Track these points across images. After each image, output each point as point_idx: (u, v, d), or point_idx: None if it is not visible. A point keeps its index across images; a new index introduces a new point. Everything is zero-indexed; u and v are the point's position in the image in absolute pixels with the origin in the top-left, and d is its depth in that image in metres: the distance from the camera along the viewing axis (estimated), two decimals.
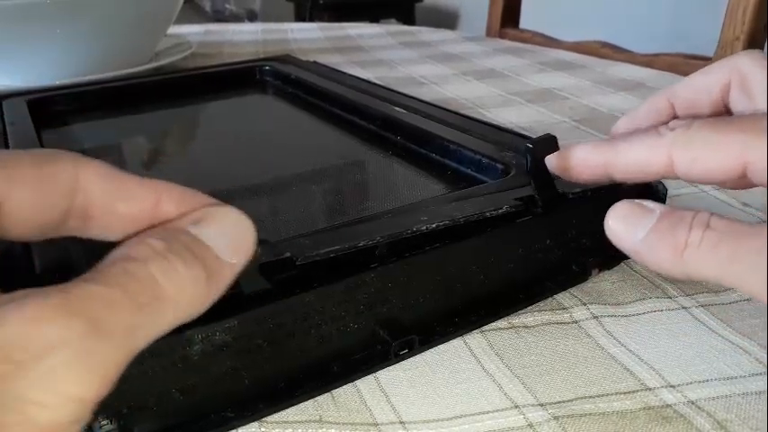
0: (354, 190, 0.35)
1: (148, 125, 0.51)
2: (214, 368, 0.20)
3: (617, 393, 0.22)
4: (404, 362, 0.24)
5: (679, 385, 0.22)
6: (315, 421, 0.21)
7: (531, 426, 0.21)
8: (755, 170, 0.18)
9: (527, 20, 1.02)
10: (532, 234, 0.27)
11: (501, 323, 0.26)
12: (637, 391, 0.22)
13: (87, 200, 0.16)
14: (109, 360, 0.13)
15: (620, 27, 1.48)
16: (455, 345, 0.25)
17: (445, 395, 0.22)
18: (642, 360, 0.24)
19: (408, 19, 2.51)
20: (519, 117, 0.52)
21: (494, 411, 0.22)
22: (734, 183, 0.22)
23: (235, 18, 2.88)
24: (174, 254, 0.15)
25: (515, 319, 0.26)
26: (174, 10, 0.69)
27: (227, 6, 3.00)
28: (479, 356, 0.24)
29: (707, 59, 0.72)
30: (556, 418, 0.21)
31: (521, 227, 0.26)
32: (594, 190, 0.27)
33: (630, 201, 0.19)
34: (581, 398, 0.22)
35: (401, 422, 0.21)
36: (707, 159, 0.19)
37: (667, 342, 0.25)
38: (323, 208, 0.33)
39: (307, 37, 0.92)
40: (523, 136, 0.35)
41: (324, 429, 0.21)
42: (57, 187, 0.16)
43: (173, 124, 0.51)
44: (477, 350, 0.25)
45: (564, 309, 0.27)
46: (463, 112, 0.40)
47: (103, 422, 0.18)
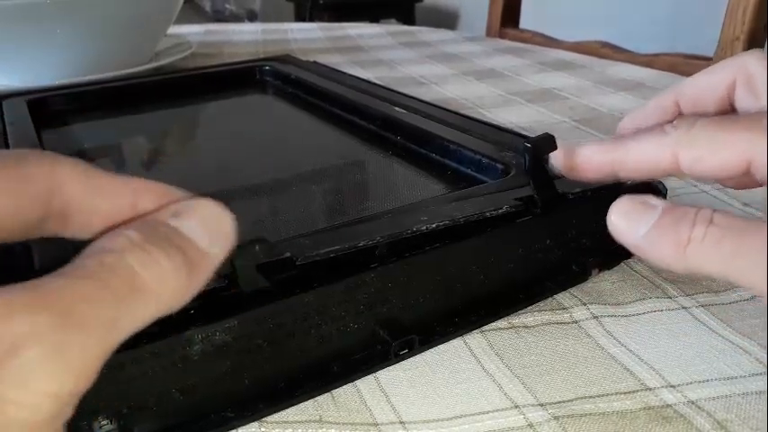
0: (354, 190, 0.35)
1: (148, 125, 0.51)
2: (214, 368, 0.20)
3: (617, 393, 0.22)
4: (404, 362, 0.24)
5: (679, 385, 0.22)
6: (315, 421, 0.21)
7: (531, 426, 0.21)
8: (759, 168, 0.18)
9: (527, 20, 1.02)
10: (532, 234, 0.27)
11: (501, 323, 0.26)
12: (637, 391, 0.22)
13: (65, 199, 0.16)
14: (85, 354, 0.13)
15: (620, 27, 1.48)
16: (455, 345, 0.25)
17: (445, 395, 0.22)
18: (642, 360, 0.24)
19: (408, 19, 2.51)
20: (519, 117, 0.52)
21: (494, 411, 0.22)
22: (737, 181, 0.22)
23: (235, 18, 2.88)
24: (153, 244, 0.15)
25: (515, 319, 0.26)
26: (174, 10, 0.69)
27: (227, 6, 2.99)
28: (479, 356, 0.24)
29: (707, 59, 0.72)
30: (556, 418, 0.21)
31: (521, 227, 0.26)
32: (594, 190, 0.27)
33: (633, 196, 0.19)
34: (581, 398, 0.22)
35: (401, 422, 0.21)
36: (711, 157, 0.19)
37: (667, 342, 0.25)
38: (323, 208, 0.33)
39: (307, 37, 0.92)
40: (523, 136, 0.35)
41: (324, 429, 0.21)
42: (34, 187, 0.16)
43: (173, 124, 0.51)
44: (477, 350, 0.25)
45: (564, 309, 0.27)
46: (463, 112, 0.40)
47: (103, 422, 0.18)
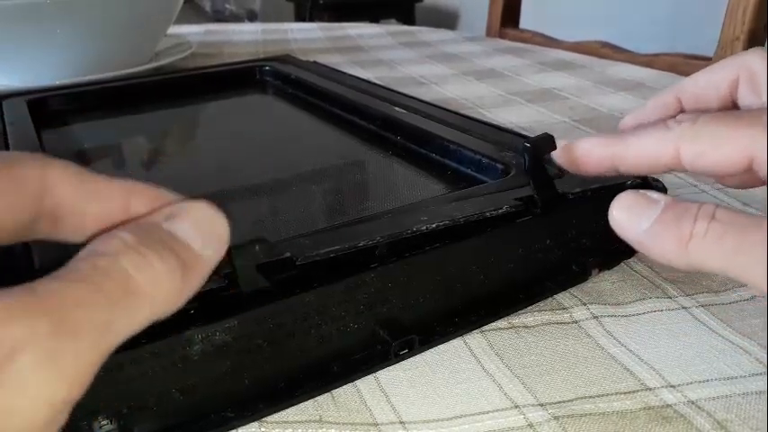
0: (354, 190, 0.35)
1: (148, 125, 0.50)
2: (214, 368, 0.20)
3: (617, 393, 0.22)
4: (404, 362, 0.24)
5: (679, 385, 0.22)
6: (315, 421, 0.21)
7: (531, 426, 0.21)
8: (760, 164, 0.18)
9: (527, 20, 1.02)
10: (532, 234, 0.27)
11: (501, 323, 0.26)
12: (637, 391, 0.22)
13: (56, 201, 0.16)
14: (80, 360, 0.13)
15: (620, 27, 1.48)
16: (455, 345, 0.25)
17: (445, 395, 0.22)
18: (642, 360, 0.24)
19: (408, 19, 2.51)
20: (519, 117, 0.52)
21: (494, 411, 0.22)
22: (738, 179, 0.22)
23: (235, 18, 2.87)
24: (148, 247, 0.15)
25: (515, 319, 0.26)
26: (174, 10, 0.69)
27: (227, 6, 2.99)
28: (479, 356, 0.24)
29: (707, 59, 0.72)
30: (556, 418, 0.21)
31: (520, 227, 0.26)
32: (594, 190, 0.27)
33: (635, 191, 0.19)
34: (581, 398, 0.22)
35: (401, 422, 0.21)
36: (714, 152, 0.19)
37: (667, 342, 0.25)
38: (323, 208, 0.33)
39: (307, 37, 0.92)
40: (523, 136, 0.35)
41: (324, 429, 0.21)
42: (25, 190, 0.15)
43: (173, 124, 0.51)
44: (477, 350, 0.25)
45: (564, 309, 0.27)
46: (463, 112, 0.40)
47: (103, 422, 0.18)
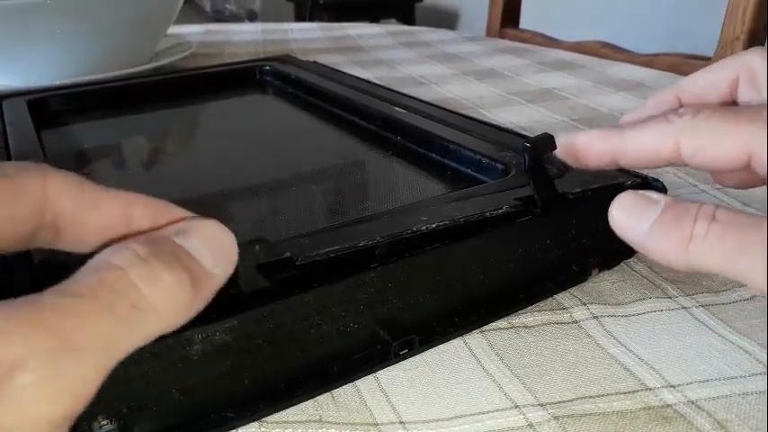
0: (354, 190, 0.35)
1: (148, 125, 0.51)
2: (214, 368, 0.20)
3: (617, 393, 0.22)
4: (404, 362, 0.24)
5: (679, 385, 0.22)
6: (315, 421, 0.21)
7: (531, 426, 0.21)
8: (759, 161, 0.18)
9: (527, 20, 1.02)
10: (532, 234, 0.27)
11: (501, 323, 0.26)
12: (637, 391, 0.22)
13: (57, 212, 0.16)
14: (82, 378, 0.13)
15: (620, 27, 1.48)
16: (455, 345, 0.25)
17: (445, 395, 0.22)
18: (642, 360, 0.24)
19: (408, 19, 2.51)
20: (519, 117, 0.52)
21: (494, 411, 0.22)
22: (737, 178, 0.22)
23: (235, 18, 2.88)
24: (159, 259, 0.15)
25: (515, 319, 0.26)
26: (174, 10, 0.69)
27: (227, 6, 2.99)
28: (479, 356, 0.24)
29: (707, 59, 0.72)
30: (556, 418, 0.21)
31: (520, 227, 0.26)
32: (594, 190, 0.27)
33: (635, 191, 0.19)
34: (581, 398, 0.22)
35: (401, 422, 0.21)
36: (714, 147, 0.19)
37: (667, 342, 0.25)
38: (323, 208, 0.33)
39: (307, 37, 0.92)
40: (523, 136, 0.35)
41: (324, 429, 0.21)
42: (25, 201, 0.15)
43: (173, 124, 0.51)
44: (477, 350, 0.25)
45: (564, 309, 0.27)
46: (463, 112, 0.40)
47: (103, 422, 0.18)
